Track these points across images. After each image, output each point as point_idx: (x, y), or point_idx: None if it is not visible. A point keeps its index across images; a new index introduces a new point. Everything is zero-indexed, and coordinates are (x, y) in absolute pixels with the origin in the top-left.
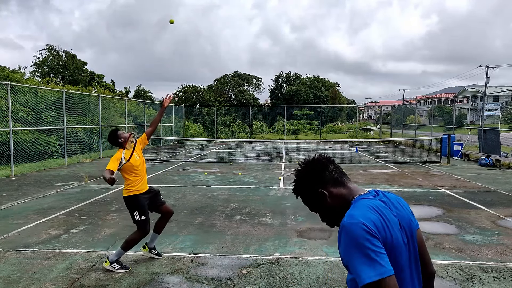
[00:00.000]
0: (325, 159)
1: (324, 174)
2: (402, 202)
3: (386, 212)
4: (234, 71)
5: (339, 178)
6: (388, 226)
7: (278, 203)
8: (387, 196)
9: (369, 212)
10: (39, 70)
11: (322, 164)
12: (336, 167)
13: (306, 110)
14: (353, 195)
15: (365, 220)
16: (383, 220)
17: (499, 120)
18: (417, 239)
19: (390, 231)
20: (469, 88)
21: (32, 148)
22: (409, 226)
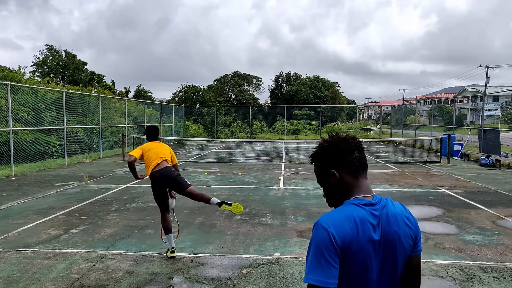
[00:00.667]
0: (355, 142)
1: (345, 157)
2: (401, 221)
3: (365, 227)
4: (234, 71)
5: (356, 168)
6: (356, 243)
7: (278, 203)
8: (389, 209)
9: (345, 223)
10: (39, 70)
11: (348, 147)
12: (361, 156)
13: (306, 110)
14: (355, 193)
15: (335, 229)
16: (355, 235)
17: (499, 120)
18: (411, 264)
19: (356, 249)
20: (469, 88)
21: (32, 148)
22: (394, 249)
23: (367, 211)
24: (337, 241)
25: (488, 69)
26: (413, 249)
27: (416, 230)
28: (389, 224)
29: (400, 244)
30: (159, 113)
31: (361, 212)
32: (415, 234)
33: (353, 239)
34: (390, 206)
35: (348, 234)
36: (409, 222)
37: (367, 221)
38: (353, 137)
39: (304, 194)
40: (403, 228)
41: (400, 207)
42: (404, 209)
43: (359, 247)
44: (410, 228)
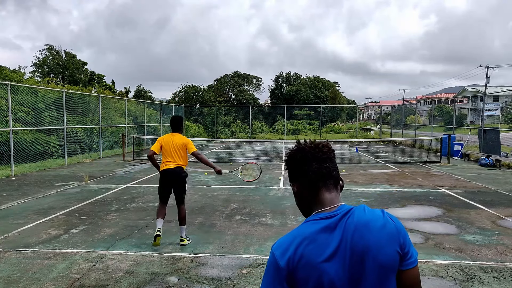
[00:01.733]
0: (313, 152)
1: (300, 169)
2: (373, 228)
3: (315, 246)
4: (234, 71)
5: (313, 181)
6: (306, 266)
7: (278, 203)
8: (356, 217)
9: (290, 245)
10: (39, 70)
11: (304, 157)
12: (321, 167)
13: (306, 110)
14: (315, 208)
15: (281, 254)
16: (303, 258)
17: (499, 120)
18: (404, 281)
19: (307, 274)
20: (469, 88)
21: (32, 148)
22: (364, 261)
23: (322, 226)
24: (282, 266)
25: (488, 69)
26: (402, 262)
27: (399, 238)
28: (355, 233)
29: (373, 254)
30: (159, 113)
31: (313, 229)
32: (400, 244)
33: (301, 262)
34: (359, 213)
35: (293, 258)
36: (384, 231)
37: (320, 239)
38: (315, 145)
39: None
40: (377, 235)
41: (375, 213)
42: (382, 215)
43: (311, 271)
44: (388, 237)
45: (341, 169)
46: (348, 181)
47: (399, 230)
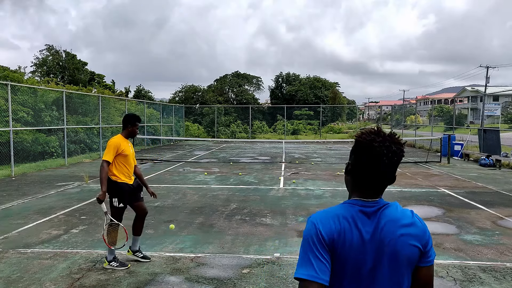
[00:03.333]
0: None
1: (359, 155)
2: (401, 225)
3: (352, 226)
4: (234, 71)
5: (372, 172)
6: (343, 241)
7: (278, 203)
8: (388, 212)
9: (331, 220)
10: (39, 70)
11: (379, 147)
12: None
13: (306, 110)
14: (358, 196)
15: (323, 226)
16: (341, 233)
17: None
18: (419, 276)
19: (343, 246)
20: (469, 88)
21: (32, 148)
22: (388, 251)
23: (359, 211)
24: (324, 237)
25: (488, 69)
26: (421, 259)
27: (423, 238)
28: (385, 226)
29: (399, 247)
30: (159, 113)
31: (352, 211)
32: (422, 243)
33: (340, 237)
34: (392, 210)
35: (333, 231)
36: (411, 229)
37: (357, 220)
38: (395, 141)
39: (304, 194)
40: (401, 233)
41: (405, 213)
42: (411, 215)
43: (346, 245)
44: (414, 235)
45: (341, 169)
46: None
47: (424, 231)
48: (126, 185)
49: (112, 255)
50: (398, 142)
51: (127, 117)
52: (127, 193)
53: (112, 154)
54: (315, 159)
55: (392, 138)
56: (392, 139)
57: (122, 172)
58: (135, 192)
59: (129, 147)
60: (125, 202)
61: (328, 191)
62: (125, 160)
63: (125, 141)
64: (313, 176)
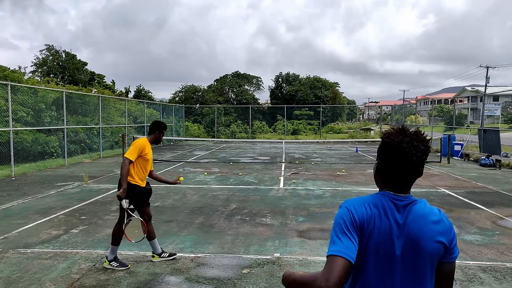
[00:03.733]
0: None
1: (389, 156)
2: (427, 221)
3: (381, 214)
4: (234, 71)
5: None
6: (373, 225)
7: (278, 203)
8: (417, 207)
9: (363, 206)
10: (39, 70)
11: (408, 147)
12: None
13: (306, 110)
14: (389, 189)
15: (355, 210)
16: (372, 218)
17: (499, 120)
18: (443, 271)
19: (369, 231)
20: (469, 88)
21: (32, 148)
22: (415, 244)
23: (390, 202)
24: (356, 219)
25: (488, 69)
26: (445, 255)
27: (449, 235)
28: (413, 221)
29: (424, 242)
30: (159, 113)
31: (383, 202)
32: (448, 240)
33: (370, 222)
34: (420, 206)
35: (364, 216)
36: (438, 226)
37: (387, 210)
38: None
39: (304, 194)
40: (429, 228)
41: (433, 210)
42: (438, 213)
43: (375, 231)
44: (439, 232)
45: (341, 169)
46: (348, 181)
47: (450, 229)
48: (139, 188)
49: (113, 254)
50: (424, 140)
51: (157, 123)
52: (139, 196)
53: (136, 154)
54: (315, 159)
55: (418, 136)
56: (418, 137)
57: (138, 175)
58: (146, 196)
59: (151, 152)
60: (135, 205)
61: (328, 191)
62: (144, 164)
63: (149, 145)
64: (313, 176)
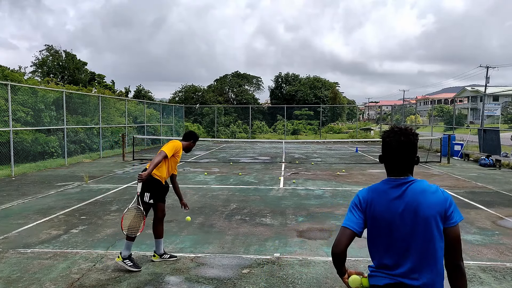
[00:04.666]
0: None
1: (382, 148)
2: (426, 193)
3: (382, 194)
4: (234, 71)
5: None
6: (371, 204)
7: (278, 203)
8: (416, 184)
9: (369, 191)
10: (38, 70)
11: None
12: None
13: (306, 110)
14: (391, 175)
15: (362, 196)
16: (375, 200)
17: (499, 120)
18: (447, 236)
19: (371, 208)
20: (469, 88)
21: (32, 148)
22: (416, 212)
23: (392, 185)
24: (361, 201)
25: (488, 69)
26: (445, 221)
27: (444, 205)
28: (411, 194)
29: (422, 210)
30: (159, 113)
31: (382, 186)
32: (443, 209)
33: (373, 201)
34: (419, 183)
35: (369, 198)
36: (433, 196)
37: (387, 191)
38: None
39: (304, 194)
40: (425, 199)
41: (431, 186)
42: (436, 187)
43: (377, 208)
44: (434, 202)
45: (341, 169)
46: (348, 181)
47: (446, 199)
48: (160, 183)
49: (129, 252)
50: (406, 133)
51: (195, 134)
52: (159, 191)
53: (172, 152)
54: (315, 159)
55: (402, 130)
56: (402, 132)
57: (162, 173)
58: (164, 192)
59: (180, 156)
60: (155, 199)
61: (328, 191)
62: (173, 164)
63: (181, 149)
64: (313, 176)
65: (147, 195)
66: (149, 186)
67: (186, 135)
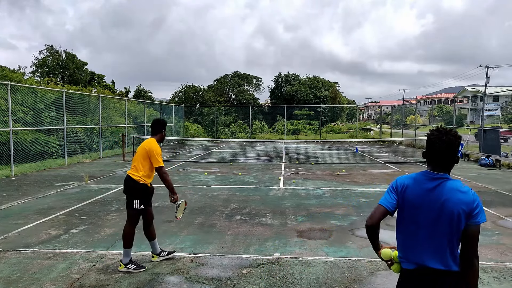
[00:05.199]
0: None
1: (426, 144)
2: (455, 191)
3: (417, 183)
4: (234, 71)
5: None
6: (406, 190)
7: (278, 203)
8: (448, 182)
9: (407, 178)
10: (38, 70)
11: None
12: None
13: (306, 110)
14: (431, 168)
15: (400, 181)
16: (410, 185)
17: (499, 120)
18: (466, 233)
19: (405, 193)
20: (469, 88)
21: (32, 148)
22: (442, 206)
23: (425, 176)
24: (398, 185)
25: (488, 69)
26: (468, 219)
27: (471, 205)
28: (443, 189)
29: (448, 203)
30: (159, 113)
31: (420, 176)
32: (469, 206)
33: (408, 187)
34: (452, 182)
35: (405, 184)
36: (463, 195)
37: (423, 181)
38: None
39: (304, 194)
40: (455, 195)
41: (462, 186)
42: (468, 188)
43: (410, 194)
44: (462, 200)
45: (341, 169)
46: (348, 181)
47: (474, 200)
48: (150, 188)
49: (128, 257)
50: (449, 134)
51: (161, 122)
52: (147, 196)
53: (161, 158)
54: (315, 159)
55: (446, 131)
56: (446, 132)
57: (151, 178)
58: (151, 196)
59: None
60: (145, 205)
61: (328, 191)
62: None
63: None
64: (313, 176)
65: (137, 202)
66: (138, 193)
67: (156, 127)
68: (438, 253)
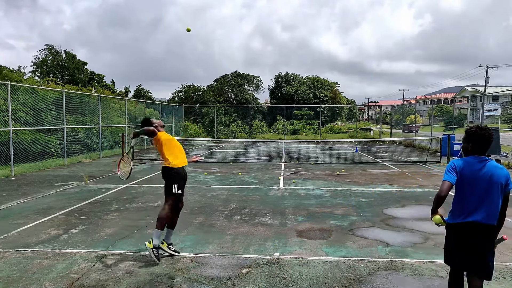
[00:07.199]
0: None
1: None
2: (496, 168)
3: (470, 164)
4: (234, 71)
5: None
6: (462, 169)
7: (278, 203)
8: (491, 163)
9: (460, 161)
10: (38, 70)
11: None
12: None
13: (306, 110)
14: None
15: (456, 163)
16: (465, 165)
17: (499, 120)
18: (504, 197)
19: (465, 171)
20: (469, 88)
21: (32, 148)
22: (490, 179)
23: (473, 160)
24: (456, 166)
25: (487, 69)
26: (504, 188)
27: (506, 178)
28: (488, 167)
29: (493, 178)
30: (159, 113)
31: (470, 160)
32: (504, 180)
33: (464, 167)
34: (492, 162)
35: (461, 165)
36: (501, 170)
37: (474, 163)
38: (485, 131)
39: (304, 194)
40: (496, 171)
41: (499, 164)
42: (502, 167)
43: (465, 174)
44: (500, 174)
45: (340, 169)
46: (348, 181)
47: (507, 175)
48: (183, 171)
49: (159, 241)
50: (486, 130)
51: (146, 119)
52: (183, 180)
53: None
54: (315, 159)
55: (484, 128)
56: (484, 129)
57: (179, 158)
58: (185, 181)
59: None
60: (183, 189)
61: (328, 191)
62: (178, 146)
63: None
64: (312, 176)
65: (175, 186)
66: (174, 177)
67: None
68: (487, 213)
